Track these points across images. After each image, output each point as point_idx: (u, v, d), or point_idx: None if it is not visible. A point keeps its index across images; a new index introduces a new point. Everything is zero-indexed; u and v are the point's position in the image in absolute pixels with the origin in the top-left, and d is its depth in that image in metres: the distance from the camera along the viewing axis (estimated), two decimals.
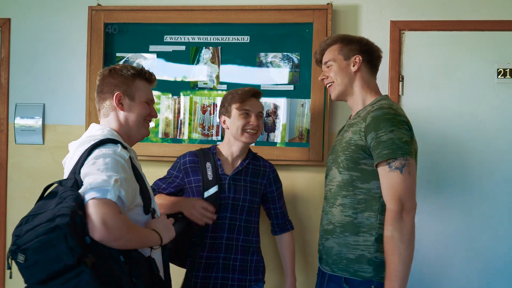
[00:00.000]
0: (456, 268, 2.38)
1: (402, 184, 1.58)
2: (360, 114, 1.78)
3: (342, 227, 1.70)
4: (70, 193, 1.40)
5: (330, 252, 1.75)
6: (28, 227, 1.35)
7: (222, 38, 2.53)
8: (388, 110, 1.66)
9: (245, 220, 2.09)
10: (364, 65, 1.84)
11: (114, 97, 1.67)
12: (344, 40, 1.88)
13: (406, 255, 1.55)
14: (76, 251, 1.30)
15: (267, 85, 2.50)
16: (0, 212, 2.69)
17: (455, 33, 2.40)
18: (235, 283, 2.05)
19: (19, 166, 2.69)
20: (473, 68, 2.40)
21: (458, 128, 2.40)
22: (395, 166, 1.58)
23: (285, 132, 2.48)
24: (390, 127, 1.61)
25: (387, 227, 1.58)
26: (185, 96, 2.55)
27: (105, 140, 1.57)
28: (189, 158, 2.16)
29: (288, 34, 2.48)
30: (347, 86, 1.84)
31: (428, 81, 2.42)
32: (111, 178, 1.42)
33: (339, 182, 1.74)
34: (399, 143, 1.59)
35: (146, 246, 1.56)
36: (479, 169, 2.38)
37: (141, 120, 1.71)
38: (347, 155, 1.71)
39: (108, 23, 2.58)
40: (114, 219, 1.38)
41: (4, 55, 2.68)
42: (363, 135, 1.67)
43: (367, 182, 1.68)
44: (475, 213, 2.38)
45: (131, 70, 1.70)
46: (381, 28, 2.44)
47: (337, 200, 1.73)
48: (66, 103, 2.65)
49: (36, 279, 1.32)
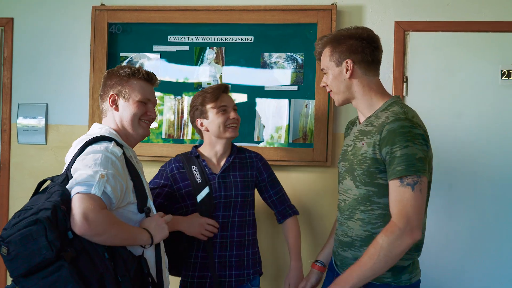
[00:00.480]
0: (467, 271, 2.38)
1: (412, 201, 1.53)
2: (372, 122, 1.69)
3: (361, 241, 1.68)
4: (57, 188, 1.43)
5: (347, 262, 1.73)
6: (15, 221, 1.38)
7: (226, 38, 2.53)
8: (404, 122, 1.58)
9: (239, 215, 2.08)
10: (358, 67, 1.71)
11: (109, 98, 1.69)
12: (333, 43, 1.75)
13: (379, 268, 1.54)
14: (55, 245, 1.31)
15: (271, 85, 2.50)
16: (2, 212, 2.68)
17: (459, 34, 2.40)
18: (232, 279, 2.05)
19: (21, 166, 2.68)
20: (477, 69, 2.39)
21: (462, 129, 2.39)
22: (407, 182, 1.54)
23: (287, 133, 2.48)
24: (405, 142, 1.55)
25: (383, 236, 1.54)
26: (188, 97, 2.55)
27: (99, 138, 1.58)
28: (174, 165, 2.12)
29: (292, 35, 2.48)
30: (345, 93, 1.75)
31: (432, 82, 2.42)
32: (97, 174, 1.43)
33: (356, 196, 1.70)
34: (412, 159, 1.54)
35: (135, 244, 1.55)
36: (482, 170, 2.38)
37: (135, 119, 1.70)
38: (363, 169, 1.66)
39: (112, 23, 2.58)
40: (95, 213, 1.39)
41: (7, 55, 2.68)
42: (377, 148, 1.61)
43: (384, 196, 1.63)
44: (480, 213, 2.38)
45: (127, 70, 1.70)
46: (386, 29, 2.44)
47: (354, 214, 1.70)
48: (69, 103, 2.64)
49: (18, 272, 1.33)
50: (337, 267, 1.82)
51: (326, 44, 1.77)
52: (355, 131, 1.79)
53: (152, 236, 1.57)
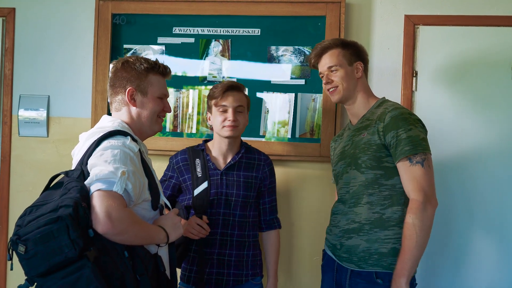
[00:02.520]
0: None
1: (424, 176, 1.69)
2: (368, 117, 1.87)
3: (371, 224, 1.77)
4: (75, 184, 1.36)
5: (356, 250, 1.79)
6: (30, 218, 1.32)
7: (232, 31, 2.48)
8: (403, 110, 1.80)
9: (240, 215, 2.06)
10: (363, 70, 1.94)
11: (126, 93, 1.62)
12: (343, 45, 1.93)
13: (421, 243, 1.67)
14: (78, 244, 1.26)
15: (278, 79, 2.45)
16: (3, 205, 2.64)
17: (470, 28, 2.36)
18: (230, 278, 2.03)
19: (22, 159, 2.64)
20: (488, 64, 2.35)
21: (473, 124, 2.35)
22: (416, 161, 1.70)
23: (294, 128, 2.44)
24: (408, 125, 1.73)
25: (410, 215, 1.68)
26: (193, 90, 2.50)
27: (114, 132, 1.52)
28: (180, 157, 2.14)
29: (300, 27, 2.43)
30: (351, 91, 1.91)
31: (443, 77, 2.38)
32: (118, 170, 1.38)
33: (362, 181, 1.81)
34: (417, 139, 1.71)
35: (152, 243, 1.51)
36: (492, 166, 2.34)
37: (154, 116, 1.66)
38: (369, 155, 1.79)
39: (116, 13, 2.53)
40: (119, 212, 1.34)
41: (8, 46, 2.63)
42: (382, 134, 1.77)
43: (391, 178, 1.77)
44: (488, 210, 2.34)
45: (145, 64, 1.64)
46: (395, 23, 2.40)
47: (362, 199, 1.80)
48: (72, 95, 2.60)
49: (36, 271, 1.27)
50: (340, 259, 1.83)
51: (337, 44, 1.93)
52: (349, 133, 1.95)
53: (168, 234, 1.54)
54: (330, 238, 1.93)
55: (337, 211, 1.90)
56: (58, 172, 1.54)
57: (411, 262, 1.67)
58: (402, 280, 1.66)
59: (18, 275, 1.41)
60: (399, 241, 1.73)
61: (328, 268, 1.92)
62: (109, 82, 1.68)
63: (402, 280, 1.66)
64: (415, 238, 1.66)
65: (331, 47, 1.92)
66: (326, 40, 2.00)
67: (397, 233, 1.74)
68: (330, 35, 2.36)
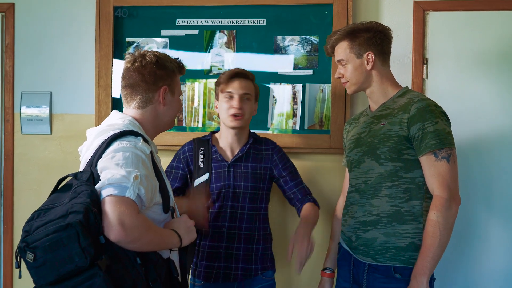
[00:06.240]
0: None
1: (450, 172, 1.65)
2: (389, 106, 1.81)
3: (389, 217, 1.74)
4: (85, 187, 1.31)
5: (373, 243, 1.76)
6: (39, 223, 1.27)
7: (237, 21, 2.43)
8: (430, 101, 1.74)
9: (249, 207, 2.02)
10: (378, 59, 1.84)
11: (161, 91, 1.58)
12: (351, 35, 1.84)
13: (444, 241, 1.64)
14: (89, 252, 1.21)
15: (285, 70, 2.39)
16: (7, 205, 2.60)
17: (482, 13, 2.30)
18: (238, 272, 2.00)
19: (26, 157, 2.60)
20: (501, 50, 2.29)
21: (485, 112, 2.30)
22: (441, 156, 1.66)
23: (302, 119, 2.39)
24: (435, 118, 1.68)
25: (434, 212, 1.64)
26: (199, 83, 2.45)
27: (126, 132, 1.47)
28: (187, 147, 2.12)
29: (306, 16, 2.38)
30: (363, 84, 1.86)
31: (454, 64, 2.32)
32: (130, 175, 1.33)
33: (380, 173, 1.76)
34: (444, 133, 1.67)
35: (166, 249, 1.47)
36: (507, 154, 2.28)
37: (176, 115, 1.69)
38: (389, 146, 1.74)
39: (118, 6, 2.48)
40: (132, 219, 1.29)
41: (8, 42, 2.58)
42: (405, 126, 1.72)
43: (411, 171, 1.73)
44: (507, 199, 2.29)
45: (174, 63, 1.63)
46: (404, 9, 2.34)
47: (380, 191, 1.76)
48: (74, 91, 2.55)
49: (45, 280, 1.23)
50: (356, 252, 1.80)
51: (343, 37, 1.86)
52: (367, 119, 1.89)
53: (182, 239, 1.50)
54: (345, 230, 1.89)
55: (354, 201, 1.86)
56: (62, 169, 1.50)
57: (433, 261, 1.63)
58: (423, 278, 1.63)
59: (26, 281, 1.37)
60: (418, 236, 1.70)
61: (345, 262, 1.89)
62: (137, 76, 1.56)
63: (423, 278, 1.63)
64: (438, 236, 1.62)
65: (339, 40, 1.87)
66: (335, 31, 1.92)
67: (415, 228, 1.71)
68: (338, 23, 2.30)
